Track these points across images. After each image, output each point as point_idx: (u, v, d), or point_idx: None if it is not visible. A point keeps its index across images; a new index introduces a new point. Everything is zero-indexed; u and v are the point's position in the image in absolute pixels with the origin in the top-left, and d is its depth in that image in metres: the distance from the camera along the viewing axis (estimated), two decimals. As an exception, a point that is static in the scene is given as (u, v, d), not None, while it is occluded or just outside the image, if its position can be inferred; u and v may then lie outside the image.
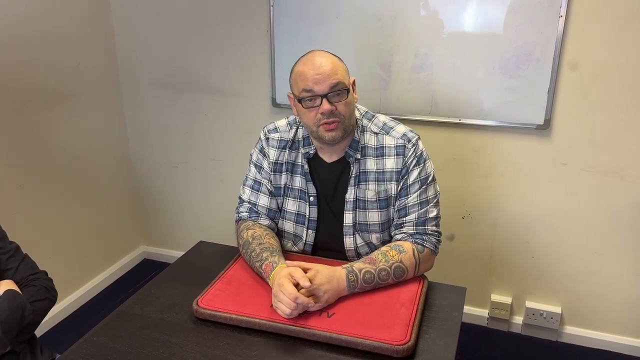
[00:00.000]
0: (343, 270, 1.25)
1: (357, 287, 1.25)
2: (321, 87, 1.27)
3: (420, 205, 1.37)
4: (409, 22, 1.99)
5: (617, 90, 1.87)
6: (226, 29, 2.30)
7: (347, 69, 1.35)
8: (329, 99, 1.28)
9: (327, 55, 1.32)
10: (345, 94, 1.29)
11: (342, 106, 1.30)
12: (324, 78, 1.27)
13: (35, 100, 2.14)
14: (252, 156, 1.50)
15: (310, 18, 2.11)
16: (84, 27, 2.34)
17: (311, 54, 1.33)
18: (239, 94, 2.40)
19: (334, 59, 1.32)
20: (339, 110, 1.29)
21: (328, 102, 1.28)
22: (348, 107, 1.31)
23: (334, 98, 1.28)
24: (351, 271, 1.25)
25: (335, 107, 1.29)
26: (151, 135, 2.64)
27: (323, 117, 1.29)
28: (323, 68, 1.27)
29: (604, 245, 2.06)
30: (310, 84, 1.28)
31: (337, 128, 1.31)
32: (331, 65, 1.29)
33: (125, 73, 2.57)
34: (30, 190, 2.16)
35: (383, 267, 1.27)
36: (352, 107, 1.35)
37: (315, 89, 1.28)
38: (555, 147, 2.00)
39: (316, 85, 1.27)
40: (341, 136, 1.33)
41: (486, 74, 1.96)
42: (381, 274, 1.27)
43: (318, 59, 1.30)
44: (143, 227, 2.87)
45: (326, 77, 1.27)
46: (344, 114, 1.30)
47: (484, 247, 2.24)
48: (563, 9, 1.81)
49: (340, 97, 1.29)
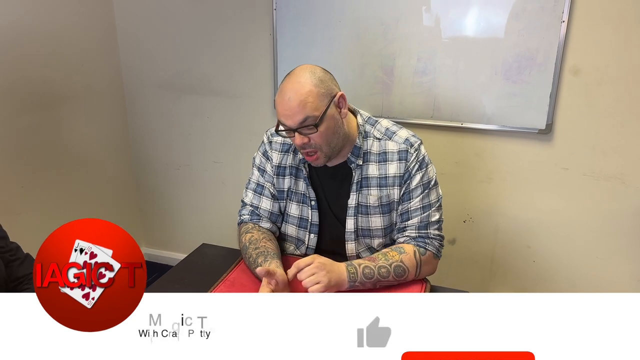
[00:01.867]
0: (342, 264, 1.27)
1: (357, 280, 1.26)
2: (290, 122, 1.25)
3: (423, 210, 1.37)
4: (411, 27, 2.00)
5: (619, 96, 1.87)
6: (229, 32, 2.31)
7: (326, 91, 1.27)
8: (300, 132, 1.26)
9: (299, 83, 1.25)
10: (315, 128, 1.25)
11: (316, 137, 1.27)
12: (292, 114, 1.24)
13: (38, 101, 2.15)
14: (255, 159, 1.50)
15: (313, 22, 2.12)
16: (87, 29, 2.35)
17: (287, 80, 1.28)
18: (241, 96, 2.40)
19: (306, 87, 1.24)
20: (314, 141, 1.27)
21: (300, 135, 1.26)
22: (323, 136, 1.27)
23: (305, 131, 1.26)
24: (350, 264, 1.27)
25: (308, 139, 1.27)
26: (154, 136, 2.65)
27: (300, 147, 1.29)
28: (290, 103, 1.23)
29: (605, 251, 2.06)
30: (282, 118, 1.27)
31: (317, 157, 1.31)
32: (298, 100, 1.23)
33: (128, 74, 2.57)
34: (32, 190, 2.16)
35: (383, 264, 1.28)
36: (333, 130, 1.29)
37: (287, 123, 1.26)
38: (556, 151, 2.00)
39: (287, 120, 1.26)
40: (325, 161, 1.33)
41: (488, 79, 1.97)
42: (381, 270, 1.27)
43: (288, 91, 1.25)
44: (144, 229, 2.87)
45: (294, 112, 1.23)
46: (319, 143, 1.28)
47: (485, 251, 2.24)
48: (565, 14, 1.82)
49: (311, 130, 1.25)
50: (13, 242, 1.35)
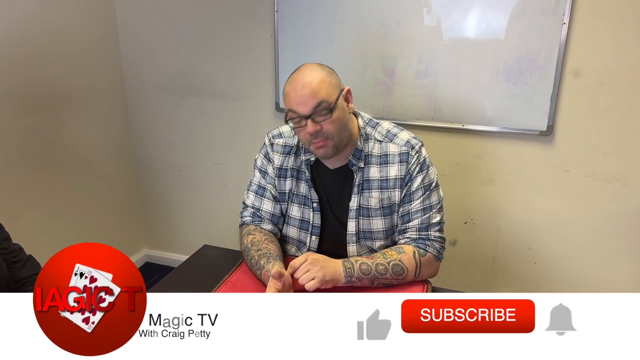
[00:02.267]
0: (339, 260, 1.29)
1: (354, 275, 1.26)
2: (304, 109, 1.26)
3: (424, 211, 1.37)
4: (412, 29, 2.00)
5: (620, 97, 1.87)
6: (231, 34, 2.32)
7: (337, 82, 1.31)
8: (313, 119, 1.27)
9: (311, 72, 1.28)
10: (329, 113, 1.27)
11: (327, 125, 1.28)
12: (306, 99, 1.25)
13: (40, 102, 2.15)
14: (257, 161, 1.51)
15: (314, 24, 2.12)
16: (89, 30, 2.35)
17: (297, 72, 1.31)
18: (242, 98, 2.41)
19: (318, 75, 1.28)
20: (325, 129, 1.28)
21: (313, 122, 1.27)
22: (335, 124, 1.28)
23: (318, 117, 1.27)
24: (347, 260, 1.29)
25: (320, 126, 1.27)
26: (155, 138, 2.65)
27: (311, 137, 1.29)
28: (305, 89, 1.25)
29: (606, 252, 2.06)
30: (294, 106, 1.27)
31: (326, 146, 1.30)
32: (313, 84, 1.25)
33: (130, 76, 2.58)
34: (34, 192, 2.17)
35: (381, 262, 1.29)
36: (343, 121, 1.31)
37: (299, 111, 1.27)
38: (557, 153, 2.01)
39: (299, 107, 1.27)
40: (333, 153, 1.33)
41: (489, 80, 1.97)
42: (379, 267, 1.28)
43: (301, 79, 1.27)
44: (145, 230, 2.87)
45: (308, 98, 1.25)
46: (331, 131, 1.29)
47: (486, 252, 2.24)
48: (566, 16, 1.82)
49: (324, 116, 1.27)
50: (15, 244, 1.35)
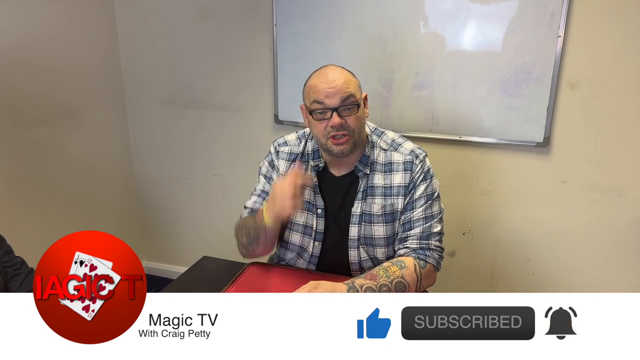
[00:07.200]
0: (344, 286, 1.24)
1: None
2: (332, 101, 1.30)
3: (425, 220, 1.38)
4: (410, 42, 2.02)
5: (616, 109, 1.89)
6: (230, 47, 2.34)
7: (360, 85, 1.38)
8: (339, 113, 1.31)
9: (340, 69, 1.36)
10: (356, 108, 1.32)
11: (352, 120, 1.32)
12: (335, 92, 1.30)
13: (40, 115, 2.17)
14: (262, 168, 1.53)
15: (313, 37, 2.15)
16: (89, 44, 2.38)
17: (325, 68, 1.37)
18: (242, 110, 2.42)
19: (347, 73, 1.35)
20: (349, 124, 1.32)
21: (338, 115, 1.31)
22: (358, 121, 1.34)
23: (344, 112, 1.31)
24: (352, 287, 1.24)
25: (345, 120, 1.31)
26: (154, 150, 2.67)
27: (333, 130, 1.32)
28: (335, 82, 1.31)
29: (604, 263, 2.07)
30: (322, 97, 1.31)
31: (346, 142, 1.33)
32: (343, 79, 1.32)
33: (130, 89, 2.60)
34: (34, 204, 2.17)
35: (384, 282, 1.28)
36: (363, 122, 1.37)
37: (327, 102, 1.31)
38: (554, 164, 2.02)
39: (327, 99, 1.30)
40: (350, 150, 1.35)
41: (486, 93, 1.99)
42: (382, 289, 1.27)
43: (331, 73, 1.33)
44: (145, 242, 2.87)
45: (338, 90, 1.30)
46: (354, 127, 1.33)
47: (484, 263, 2.24)
48: (561, 29, 1.85)
49: (350, 111, 1.32)
50: (18, 257, 1.36)
